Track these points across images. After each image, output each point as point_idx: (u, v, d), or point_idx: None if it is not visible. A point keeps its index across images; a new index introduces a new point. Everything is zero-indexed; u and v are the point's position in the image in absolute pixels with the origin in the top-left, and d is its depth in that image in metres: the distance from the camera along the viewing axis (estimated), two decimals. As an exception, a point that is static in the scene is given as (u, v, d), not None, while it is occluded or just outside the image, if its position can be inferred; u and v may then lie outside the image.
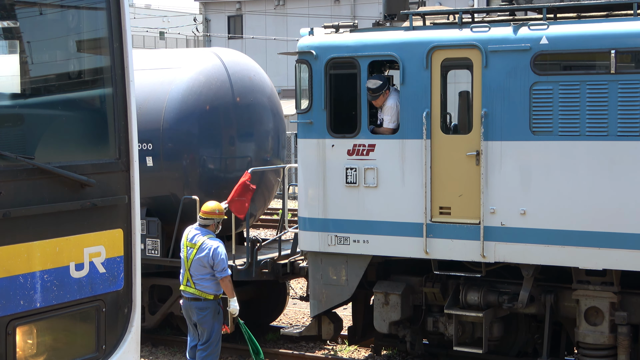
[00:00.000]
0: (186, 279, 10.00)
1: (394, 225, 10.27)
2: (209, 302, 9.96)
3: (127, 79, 5.74)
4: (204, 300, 9.94)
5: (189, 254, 9.94)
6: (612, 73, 9.23)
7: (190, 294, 9.99)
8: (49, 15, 5.68)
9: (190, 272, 9.94)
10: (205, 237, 9.93)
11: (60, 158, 5.41)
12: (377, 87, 10.34)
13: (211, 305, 9.99)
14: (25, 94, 5.75)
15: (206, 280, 9.91)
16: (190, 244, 9.99)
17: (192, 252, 9.92)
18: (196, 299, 9.96)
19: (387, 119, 10.37)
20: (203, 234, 9.98)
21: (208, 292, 9.93)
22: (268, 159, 12.98)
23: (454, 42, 10.01)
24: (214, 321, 10.05)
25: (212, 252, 9.80)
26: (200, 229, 10.06)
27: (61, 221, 5.30)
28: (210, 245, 9.84)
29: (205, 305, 9.96)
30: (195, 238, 9.97)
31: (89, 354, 5.53)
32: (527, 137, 9.63)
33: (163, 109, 12.25)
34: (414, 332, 10.90)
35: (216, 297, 10.01)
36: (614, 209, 9.31)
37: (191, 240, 10.00)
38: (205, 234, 9.98)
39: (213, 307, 10.01)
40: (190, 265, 9.92)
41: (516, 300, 10.03)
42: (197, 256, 9.86)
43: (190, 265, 9.92)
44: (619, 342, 9.70)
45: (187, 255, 9.95)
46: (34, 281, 5.15)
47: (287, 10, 43.84)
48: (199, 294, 9.92)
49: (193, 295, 9.97)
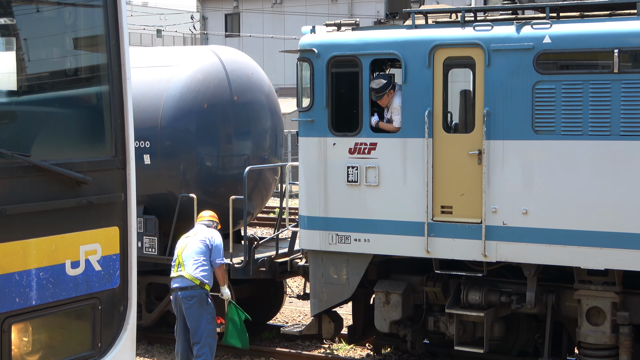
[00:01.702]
0: (177, 265, 10.13)
1: (395, 224, 10.21)
2: (195, 290, 10.01)
3: (124, 76, 5.73)
4: (191, 288, 10.00)
5: (184, 243, 10.21)
6: (615, 72, 9.18)
7: (179, 280, 10.06)
8: (46, 13, 5.67)
9: (182, 258, 10.09)
10: (205, 229, 10.38)
11: (57, 155, 5.39)
12: (380, 87, 10.28)
13: (197, 294, 10.02)
14: (21, 91, 5.74)
15: (199, 263, 10.05)
16: (188, 234, 10.38)
17: (188, 240, 10.21)
18: (183, 287, 10.04)
19: (397, 119, 10.28)
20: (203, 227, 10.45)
21: (196, 277, 10.01)
22: (266, 157, 12.93)
23: (457, 40, 9.95)
24: (201, 311, 10.06)
25: (212, 239, 10.16)
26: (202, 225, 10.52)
27: (57, 219, 5.28)
28: (211, 234, 10.25)
29: (192, 294, 10.02)
30: (195, 229, 10.41)
31: (84, 351, 5.51)
32: (530, 137, 9.57)
33: (161, 106, 12.19)
34: (414, 332, 10.86)
35: (202, 284, 10.04)
36: (616, 209, 9.26)
37: (190, 232, 10.42)
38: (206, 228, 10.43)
39: (199, 296, 10.05)
40: (183, 251, 10.12)
41: (520, 301, 9.98)
42: (194, 241, 10.13)
43: (184, 250, 10.12)
44: (620, 343, 9.66)
45: (181, 245, 10.22)
46: (30, 279, 5.13)
47: (285, 9, 43.84)
48: (188, 277, 10.01)
49: (181, 281, 10.04)
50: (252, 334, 12.43)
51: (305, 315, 14.16)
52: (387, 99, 10.41)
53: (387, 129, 10.36)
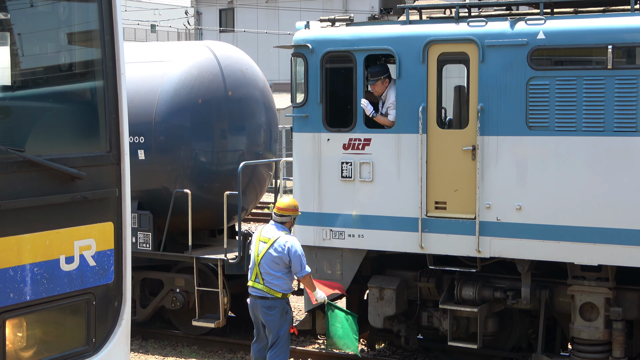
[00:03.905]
0: (255, 274, 9.46)
1: (389, 220, 10.22)
2: (276, 300, 9.41)
3: (119, 71, 5.71)
4: (272, 299, 9.39)
5: (261, 248, 9.43)
6: (608, 68, 9.19)
7: (258, 290, 9.44)
8: (40, 8, 5.66)
9: (259, 268, 9.41)
10: (282, 232, 9.46)
11: (51, 151, 5.39)
12: (375, 71, 10.33)
13: (279, 305, 9.44)
14: (15, 86, 5.71)
15: (277, 278, 9.38)
16: (264, 238, 9.47)
17: (264, 246, 9.40)
18: (263, 297, 9.41)
19: (392, 113, 10.28)
20: (279, 229, 9.48)
21: (277, 290, 9.39)
22: (260, 152, 12.92)
23: (451, 36, 9.95)
24: (281, 321, 9.48)
25: (288, 249, 9.32)
26: (275, 225, 9.53)
27: (51, 214, 5.27)
28: (286, 241, 9.35)
29: (272, 304, 9.42)
30: (271, 233, 9.47)
31: (79, 347, 5.50)
32: (524, 132, 9.58)
33: (155, 102, 12.17)
34: (408, 327, 10.88)
35: (284, 295, 9.44)
36: (609, 205, 9.28)
37: (265, 235, 9.50)
38: (281, 230, 9.49)
39: (281, 307, 9.45)
40: (260, 260, 9.41)
41: (514, 296, 10.00)
42: (270, 251, 9.36)
43: (261, 259, 9.40)
44: (613, 338, 9.68)
45: (259, 250, 9.44)
46: (24, 274, 5.12)
47: (279, 4, 43.79)
48: (267, 291, 9.39)
49: (260, 292, 9.43)
50: (246, 330, 12.43)
51: (299, 310, 14.17)
52: (382, 88, 10.42)
53: (383, 122, 10.36)
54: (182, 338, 12.76)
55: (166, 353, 12.27)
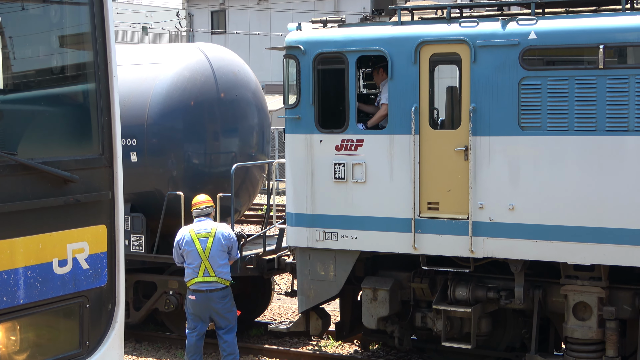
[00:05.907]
0: (203, 271, 10.12)
1: (382, 221, 10.22)
2: (227, 289, 10.23)
3: (110, 74, 5.72)
4: (224, 289, 10.19)
5: (205, 244, 10.11)
6: (600, 68, 9.21)
7: (209, 283, 10.13)
8: (32, 11, 5.65)
9: (209, 262, 10.10)
10: (215, 223, 10.32)
11: (43, 154, 5.38)
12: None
13: (229, 292, 10.26)
14: (7, 89, 5.71)
15: (224, 266, 10.17)
16: (202, 234, 10.18)
17: (208, 240, 10.12)
18: (216, 289, 10.15)
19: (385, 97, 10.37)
20: (210, 220, 10.34)
21: (226, 279, 10.18)
22: (253, 154, 12.92)
23: (443, 37, 9.96)
24: (232, 306, 10.34)
25: (230, 235, 10.23)
26: (204, 219, 10.34)
27: (44, 217, 5.26)
28: (224, 229, 10.25)
29: (225, 293, 10.21)
30: (206, 226, 10.25)
31: (72, 350, 5.51)
32: (516, 132, 9.60)
33: (147, 104, 12.16)
34: (402, 328, 10.88)
35: (230, 282, 10.27)
36: (602, 204, 9.30)
37: (201, 231, 10.20)
38: (211, 221, 10.34)
39: (230, 293, 10.29)
40: (209, 255, 10.10)
41: (508, 296, 10.01)
42: (217, 242, 10.11)
43: (209, 254, 10.11)
44: (607, 337, 9.69)
45: (203, 247, 10.10)
46: (17, 277, 5.11)
47: (271, 6, 43.80)
48: (220, 281, 10.15)
49: (213, 284, 10.14)
50: (240, 331, 12.42)
51: (293, 312, 14.17)
52: (379, 78, 10.58)
53: (378, 118, 10.37)
54: (175, 340, 12.74)
55: (160, 355, 12.26)
